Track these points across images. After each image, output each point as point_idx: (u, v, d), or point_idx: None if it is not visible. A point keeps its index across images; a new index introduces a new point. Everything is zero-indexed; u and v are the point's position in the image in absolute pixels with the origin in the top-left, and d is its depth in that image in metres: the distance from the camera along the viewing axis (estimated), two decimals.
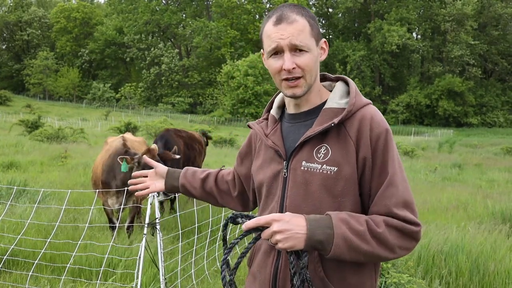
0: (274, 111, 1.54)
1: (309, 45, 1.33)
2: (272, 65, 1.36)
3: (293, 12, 1.33)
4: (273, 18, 1.34)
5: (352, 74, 56.88)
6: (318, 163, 1.34)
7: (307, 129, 1.38)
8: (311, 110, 1.42)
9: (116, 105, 63.03)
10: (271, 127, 1.50)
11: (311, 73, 1.35)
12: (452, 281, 4.01)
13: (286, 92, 1.38)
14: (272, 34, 1.33)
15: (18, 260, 4.13)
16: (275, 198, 1.41)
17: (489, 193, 9.62)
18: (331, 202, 1.33)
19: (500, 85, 57.08)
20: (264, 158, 1.49)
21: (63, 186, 7.75)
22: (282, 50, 1.33)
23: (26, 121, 20.74)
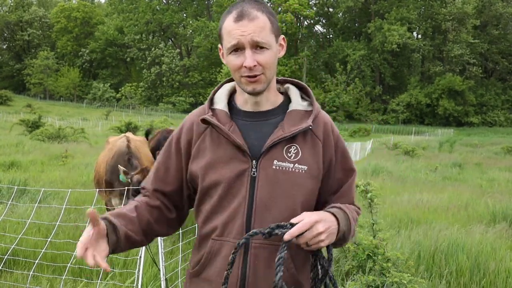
0: (225, 106, 1.44)
1: (270, 42, 1.33)
2: (231, 61, 1.34)
3: (253, 9, 1.32)
4: (234, 14, 1.32)
5: (352, 74, 56.85)
6: (290, 162, 1.37)
7: (272, 129, 1.39)
8: (272, 110, 1.43)
9: (117, 105, 63.06)
10: (228, 124, 1.38)
11: (271, 70, 1.36)
12: (453, 280, 4.01)
13: (246, 88, 1.36)
14: (232, 31, 1.31)
15: (19, 260, 4.14)
16: (239, 198, 1.35)
17: (489, 192, 9.62)
18: (302, 199, 1.39)
19: (500, 85, 57.03)
20: (218, 156, 1.38)
21: (64, 186, 7.75)
22: (243, 47, 1.31)
23: (26, 121, 20.78)
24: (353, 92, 55.85)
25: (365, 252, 3.46)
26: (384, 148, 24.44)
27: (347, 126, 47.31)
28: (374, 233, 3.85)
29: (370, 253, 3.48)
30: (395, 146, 23.40)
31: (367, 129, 42.25)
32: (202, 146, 1.42)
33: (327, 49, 63.08)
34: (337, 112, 55.60)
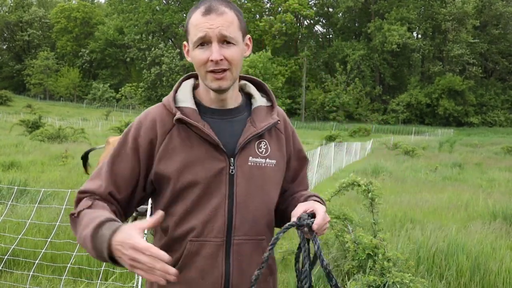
0: (193, 105, 1.39)
1: (237, 38, 1.32)
2: (197, 55, 1.31)
3: (222, 4, 1.31)
4: (202, 9, 1.31)
5: (352, 74, 56.89)
6: (262, 158, 1.41)
7: (241, 126, 1.40)
8: (237, 108, 1.44)
9: (117, 105, 63.09)
10: (200, 122, 1.34)
11: (237, 67, 1.34)
12: (453, 280, 4.01)
13: (211, 85, 1.33)
14: (200, 24, 1.29)
15: (19, 260, 4.14)
16: (218, 197, 1.34)
17: (489, 192, 9.62)
18: (274, 193, 1.46)
19: (500, 85, 57.03)
20: (193, 156, 1.34)
21: (64, 186, 7.75)
22: (210, 40, 1.29)
23: (26, 121, 20.79)
24: (353, 92, 55.87)
25: (366, 252, 3.46)
26: (384, 148, 24.43)
27: (347, 126, 47.33)
28: (375, 233, 3.85)
29: (370, 252, 3.48)
30: (395, 146, 23.40)
31: (367, 129, 42.24)
32: (171, 146, 1.34)
33: (327, 49, 63.09)
34: (337, 112, 55.62)
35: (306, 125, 51.61)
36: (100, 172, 1.38)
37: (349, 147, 17.78)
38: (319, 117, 57.42)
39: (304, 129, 46.85)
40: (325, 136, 30.35)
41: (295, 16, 61.23)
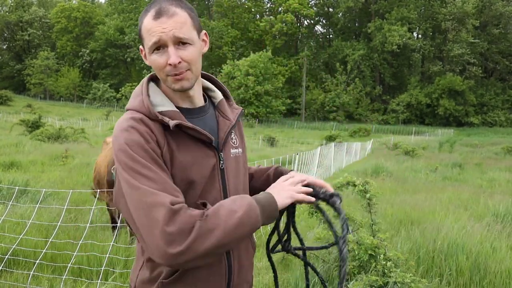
0: (173, 107, 1.36)
1: (192, 38, 1.31)
2: (155, 60, 1.30)
3: (172, 5, 1.29)
4: (152, 12, 1.29)
5: (352, 74, 56.88)
6: (235, 148, 1.49)
7: (214, 121, 1.46)
8: (205, 105, 1.47)
9: (117, 105, 63.07)
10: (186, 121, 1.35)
11: (197, 65, 1.34)
12: (453, 280, 4.01)
13: (174, 86, 1.33)
14: (152, 28, 1.28)
15: (19, 260, 4.14)
16: (213, 193, 1.36)
17: (489, 192, 9.62)
18: (247, 180, 1.56)
19: (500, 84, 57.01)
20: (191, 156, 1.33)
21: (64, 186, 7.76)
22: (165, 44, 1.28)
23: (27, 121, 20.77)
24: (353, 92, 55.86)
25: (368, 252, 3.46)
26: (384, 148, 24.43)
27: (347, 126, 47.33)
28: (374, 233, 3.86)
29: (372, 253, 3.48)
30: (395, 146, 23.40)
31: (367, 129, 42.24)
32: (170, 149, 1.30)
33: (327, 49, 63.09)
34: (337, 112, 55.61)
35: (306, 125, 51.61)
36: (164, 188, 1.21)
37: (349, 147, 17.78)
38: (319, 117, 57.43)
39: (304, 129, 46.86)
40: (325, 136, 30.36)
41: (295, 16, 61.22)
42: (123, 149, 1.23)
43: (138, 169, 1.21)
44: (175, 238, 1.14)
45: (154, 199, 1.17)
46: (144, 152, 1.23)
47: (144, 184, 1.19)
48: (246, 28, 64.02)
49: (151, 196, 1.17)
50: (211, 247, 1.16)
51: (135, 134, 1.25)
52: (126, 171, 1.22)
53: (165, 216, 1.15)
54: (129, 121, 1.28)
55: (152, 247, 1.17)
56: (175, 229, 1.14)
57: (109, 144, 5.53)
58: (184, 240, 1.14)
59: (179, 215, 1.16)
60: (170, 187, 1.22)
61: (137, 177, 1.20)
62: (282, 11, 60.96)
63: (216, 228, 1.17)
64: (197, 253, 1.15)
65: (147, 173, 1.21)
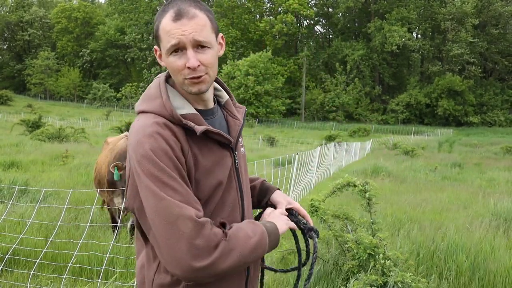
0: (192, 109, 1.35)
1: (211, 41, 1.30)
2: (173, 62, 1.28)
3: (191, 6, 1.27)
4: (171, 13, 1.26)
5: (352, 74, 56.87)
6: (243, 147, 1.55)
7: (224, 120, 1.48)
8: (215, 106, 1.46)
9: (117, 104, 63.08)
10: (206, 125, 1.34)
11: (214, 69, 1.33)
12: (452, 280, 4.02)
13: (191, 90, 1.31)
14: (172, 30, 1.25)
15: (19, 259, 4.15)
16: (232, 191, 1.39)
17: (489, 192, 9.63)
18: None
19: (499, 84, 57.00)
20: (214, 159, 1.34)
21: (65, 186, 7.76)
22: (184, 47, 1.26)
23: (27, 121, 20.78)
24: (353, 92, 55.86)
25: (367, 251, 3.47)
26: (384, 148, 24.44)
27: (347, 126, 47.33)
28: (373, 232, 3.87)
29: (371, 252, 3.49)
30: (395, 146, 23.40)
31: (367, 129, 42.23)
32: (193, 154, 1.29)
33: (327, 49, 63.08)
34: (337, 112, 55.61)
35: (305, 125, 51.61)
36: (188, 199, 1.20)
37: (348, 147, 17.79)
38: (318, 117, 57.42)
39: (303, 129, 46.86)
40: (324, 136, 30.36)
41: (295, 16, 61.21)
42: (149, 156, 1.20)
43: (164, 179, 1.18)
44: (201, 253, 1.14)
45: (180, 212, 1.16)
46: (169, 161, 1.21)
47: (169, 195, 1.17)
48: (246, 28, 64.00)
49: (176, 208, 1.16)
50: (230, 266, 1.19)
51: (161, 141, 1.22)
52: (150, 179, 1.19)
53: (193, 229, 1.15)
54: (153, 126, 1.24)
55: (173, 259, 1.15)
56: (202, 243, 1.15)
57: (110, 144, 5.53)
58: (209, 256, 1.15)
59: (206, 229, 1.17)
60: (192, 200, 1.21)
61: (161, 187, 1.18)
62: (282, 12, 60.93)
63: (235, 249, 1.20)
64: (217, 271, 1.17)
65: (172, 184, 1.19)
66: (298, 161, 7.84)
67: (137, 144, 1.23)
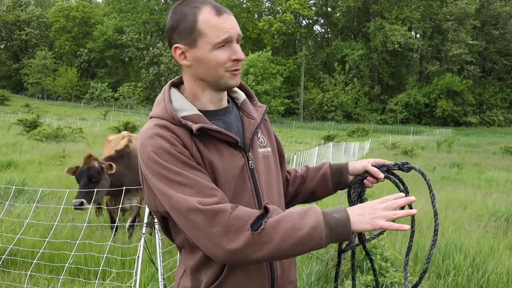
0: (195, 110, 1.34)
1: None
2: (218, 56, 1.28)
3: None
4: (209, 8, 1.28)
5: (351, 74, 56.91)
6: (263, 147, 1.47)
7: (239, 121, 1.44)
8: (229, 106, 1.45)
9: (115, 104, 63.00)
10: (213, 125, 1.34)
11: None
12: (451, 280, 4.01)
13: (230, 82, 1.33)
14: (220, 24, 1.27)
15: (16, 260, 4.13)
16: (246, 192, 1.35)
17: (488, 192, 9.64)
18: (280, 178, 1.52)
19: (497, 83, 57.14)
20: (220, 159, 1.33)
21: (62, 186, 7.74)
22: (232, 40, 1.29)
23: (24, 121, 20.74)
24: (352, 92, 55.91)
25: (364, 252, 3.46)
26: (383, 148, 24.46)
27: (345, 126, 47.36)
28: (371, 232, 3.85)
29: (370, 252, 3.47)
30: (394, 146, 23.43)
31: (366, 129, 42.25)
32: (198, 150, 1.30)
33: (326, 49, 63.13)
34: (336, 112, 55.66)
35: (304, 124, 51.64)
36: (197, 189, 1.21)
37: (347, 147, 17.80)
38: (317, 116, 57.45)
39: (302, 129, 46.88)
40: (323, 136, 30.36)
41: (295, 16, 61.24)
42: (152, 157, 1.23)
43: (169, 176, 1.21)
44: (223, 239, 1.16)
45: (187, 205, 1.18)
46: (172, 157, 1.23)
47: (178, 191, 1.20)
48: (245, 27, 63.97)
49: (184, 203, 1.19)
50: (264, 257, 1.17)
51: (161, 140, 1.24)
52: (158, 179, 1.23)
53: (204, 218, 1.17)
54: (154, 128, 1.28)
55: (205, 247, 1.20)
56: (219, 230, 1.16)
57: (111, 142, 5.54)
58: (235, 240, 1.15)
59: (221, 215, 1.17)
60: (204, 187, 1.21)
61: (169, 185, 1.21)
62: (281, 11, 60.97)
63: (271, 242, 1.16)
64: (249, 259, 1.17)
65: (178, 179, 1.21)
66: (296, 161, 7.83)
67: (141, 147, 1.27)
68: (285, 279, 1.42)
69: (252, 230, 1.15)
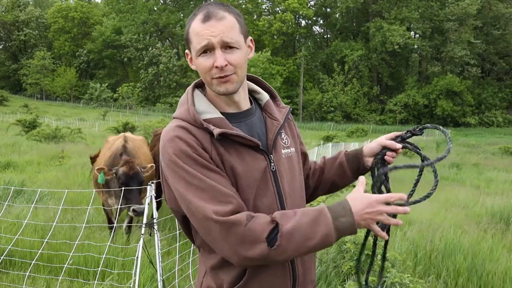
0: (218, 113, 1.37)
1: (239, 42, 1.32)
2: (202, 63, 1.31)
3: (220, 9, 1.31)
4: (200, 16, 1.30)
5: (350, 74, 56.94)
6: (287, 148, 1.47)
7: (262, 122, 1.45)
8: (251, 107, 1.46)
9: (114, 105, 62.96)
10: (234, 129, 1.35)
11: (242, 69, 1.34)
12: (450, 280, 4.01)
13: (219, 89, 1.33)
14: (201, 32, 1.29)
15: (15, 261, 4.11)
16: (268, 194, 1.36)
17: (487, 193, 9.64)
18: (302, 179, 1.53)
19: (496, 83, 57.19)
20: (241, 162, 1.34)
21: (61, 186, 7.73)
22: (212, 47, 1.29)
23: (23, 121, 20.72)
24: (351, 92, 55.92)
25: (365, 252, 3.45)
26: None
27: (345, 126, 47.38)
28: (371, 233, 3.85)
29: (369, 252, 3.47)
30: None
31: (365, 129, 42.26)
32: (219, 155, 1.32)
33: (325, 49, 63.16)
34: (335, 113, 55.66)
35: (303, 125, 51.62)
36: (213, 195, 1.23)
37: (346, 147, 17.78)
38: (316, 117, 57.45)
39: (301, 129, 46.86)
40: (322, 137, 30.36)
41: (294, 16, 61.30)
42: (172, 159, 1.27)
43: (188, 179, 1.25)
44: (240, 249, 1.21)
45: (203, 213, 1.22)
46: (191, 160, 1.26)
47: (195, 196, 1.24)
48: None
49: (200, 211, 1.23)
50: (284, 260, 1.26)
51: (181, 143, 1.27)
52: (176, 181, 1.27)
53: (220, 229, 1.21)
54: (175, 130, 1.31)
55: (222, 253, 1.26)
56: (236, 240, 1.20)
57: (109, 143, 5.53)
58: (251, 249, 1.20)
59: (236, 227, 1.20)
60: (220, 193, 1.24)
61: (187, 188, 1.25)
62: (281, 11, 61.02)
63: (287, 251, 1.21)
64: (270, 262, 1.24)
65: (196, 183, 1.24)
66: None
67: (162, 149, 1.32)
68: (306, 277, 1.45)
69: (269, 245, 1.19)
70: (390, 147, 1.51)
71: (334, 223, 1.21)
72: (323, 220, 1.22)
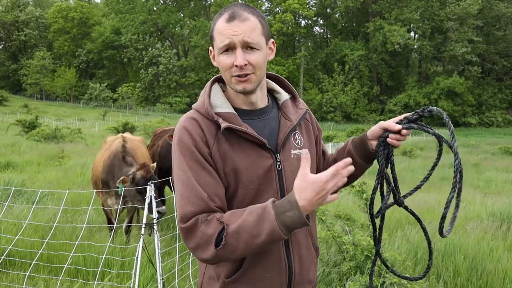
0: (232, 109, 1.42)
1: (260, 44, 1.36)
2: (223, 61, 1.36)
3: (245, 11, 1.35)
4: (225, 16, 1.35)
5: (350, 74, 56.94)
6: (299, 148, 1.49)
7: (276, 122, 1.48)
8: (267, 106, 1.50)
9: (114, 105, 62.97)
10: (243, 125, 1.39)
11: (261, 70, 1.39)
12: (450, 281, 4.01)
13: (236, 87, 1.38)
14: (225, 31, 1.34)
15: (15, 261, 4.12)
16: (271, 192, 1.40)
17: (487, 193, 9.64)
18: None
19: (496, 83, 57.18)
20: (245, 157, 1.38)
21: (61, 187, 7.73)
22: (234, 46, 1.34)
23: (23, 121, 20.71)
24: (351, 92, 55.93)
25: (364, 253, 3.46)
26: None
27: (345, 126, 47.38)
28: (371, 233, 3.85)
29: (368, 253, 3.48)
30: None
31: (365, 130, 41.84)
32: (221, 150, 1.37)
33: (325, 49, 63.16)
34: (335, 113, 55.66)
35: None
36: (189, 194, 1.32)
37: None
38: (316, 117, 56.95)
39: None
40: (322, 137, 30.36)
41: (294, 16, 61.28)
42: (175, 147, 1.38)
43: (180, 171, 1.35)
44: (196, 251, 1.31)
45: (179, 210, 1.33)
46: (189, 153, 1.35)
47: (178, 191, 1.35)
48: None
49: (178, 209, 1.34)
50: (236, 257, 1.30)
51: (185, 134, 1.37)
52: (175, 166, 1.38)
53: (183, 231, 1.32)
54: (185, 121, 1.40)
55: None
56: (194, 244, 1.30)
57: (107, 143, 5.53)
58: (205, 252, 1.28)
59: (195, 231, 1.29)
60: (195, 195, 1.31)
61: (177, 179, 1.36)
62: (281, 11, 61.01)
63: (236, 250, 1.26)
64: (221, 260, 1.31)
65: (184, 178, 1.34)
66: None
67: (174, 134, 1.42)
68: (303, 277, 1.48)
69: (216, 246, 1.25)
70: (389, 129, 1.53)
71: (280, 219, 1.22)
72: (267, 217, 1.23)
